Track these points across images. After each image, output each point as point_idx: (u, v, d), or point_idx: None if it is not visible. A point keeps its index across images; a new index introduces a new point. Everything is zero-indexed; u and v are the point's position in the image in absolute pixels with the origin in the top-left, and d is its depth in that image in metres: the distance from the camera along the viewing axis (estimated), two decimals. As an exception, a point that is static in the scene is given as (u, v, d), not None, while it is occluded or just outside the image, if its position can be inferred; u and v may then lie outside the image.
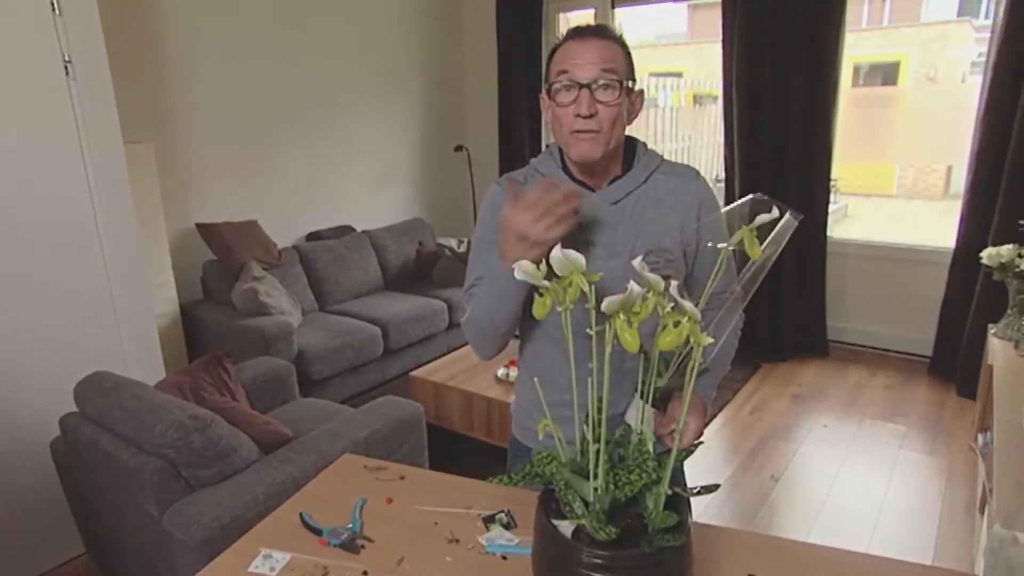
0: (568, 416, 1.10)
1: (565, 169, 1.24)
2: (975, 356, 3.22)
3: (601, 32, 1.14)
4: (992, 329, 2.59)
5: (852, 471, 2.78)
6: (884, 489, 2.64)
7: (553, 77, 1.15)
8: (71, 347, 2.25)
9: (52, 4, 2.06)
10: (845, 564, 1.04)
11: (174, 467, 1.71)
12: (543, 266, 0.85)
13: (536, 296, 0.86)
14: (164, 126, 3.38)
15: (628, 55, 1.17)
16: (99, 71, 2.21)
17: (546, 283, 0.84)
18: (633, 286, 0.78)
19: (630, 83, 1.16)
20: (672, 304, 0.81)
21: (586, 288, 0.83)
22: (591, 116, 1.12)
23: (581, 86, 1.11)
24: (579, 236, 1.21)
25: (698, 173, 1.27)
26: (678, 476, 1.27)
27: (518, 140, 4.76)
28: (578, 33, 1.15)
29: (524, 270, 0.84)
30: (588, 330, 0.83)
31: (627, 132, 1.25)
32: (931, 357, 3.64)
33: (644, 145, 1.28)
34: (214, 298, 3.59)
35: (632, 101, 1.18)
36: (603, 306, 0.78)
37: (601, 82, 1.11)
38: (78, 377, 1.95)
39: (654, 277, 0.79)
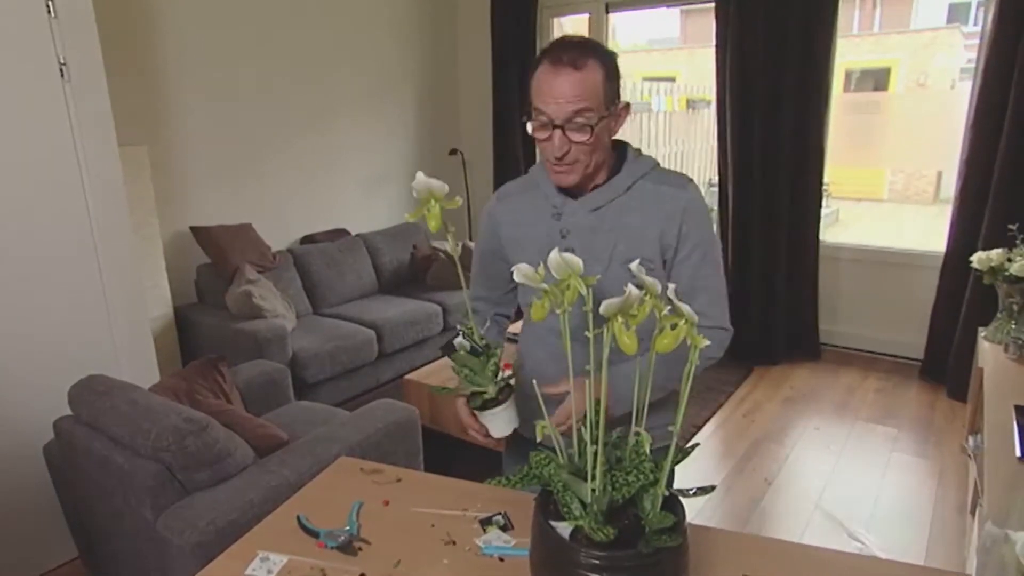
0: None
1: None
2: (966, 359, 3.25)
3: (577, 60, 1.09)
4: (982, 332, 2.62)
5: (844, 473, 2.80)
6: (876, 491, 2.66)
7: (532, 108, 1.15)
8: (65, 350, 2.24)
9: (48, 6, 2.06)
10: (838, 565, 1.05)
11: (169, 471, 1.71)
12: (541, 269, 0.86)
13: (534, 299, 0.87)
14: (159, 129, 3.38)
15: (610, 73, 1.13)
16: (94, 74, 2.20)
17: (544, 286, 0.85)
18: (631, 289, 0.79)
19: (611, 108, 1.14)
20: (669, 307, 0.82)
21: (583, 291, 0.84)
22: (564, 155, 1.14)
23: (555, 126, 1.11)
24: (559, 243, 1.23)
25: (689, 181, 1.24)
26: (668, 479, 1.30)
27: (512, 144, 4.77)
28: (555, 59, 1.10)
29: (523, 273, 0.85)
30: (587, 332, 0.83)
31: (620, 137, 1.26)
32: (922, 360, 3.67)
33: (637, 151, 1.27)
34: (208, 301, 3.58)
35: (618, 115, 1.17)
36: (601, 309, 0.79)
37: (575, 121, 1.11)
38: (72, 380, 1.94)
39: (651, 280, 0.80)
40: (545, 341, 1.30)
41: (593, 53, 1.11)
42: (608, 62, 1.13)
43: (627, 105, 1.19)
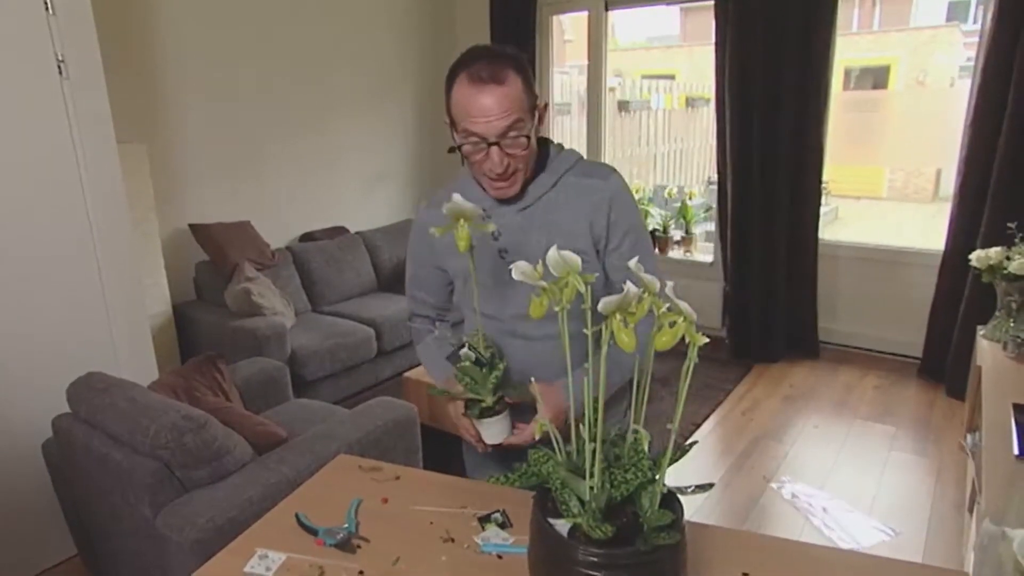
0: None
1: (478, 180, 1.25)
2: (964, 357, 3.25)
3: (497, 73, 1.08)
4: (981, 331, 2.62)
5: (843, 471, 2.80)
6: (874, 489, 2.66)
7: (458, 132, 1.13)
8: (64, 348, 2.24)
9: (46, 3, 2.06)
10: (837, 562, 1.05)
11: (168, 468, 1.71)
12: (539, 267, 0.86)
13: (532, 296, 0.87)
14: (157, 126, 3.37)
15: (527, 78, 1.13)
16: (92, 71, 2.20)
17: (543, 283, 0.85)
18: (629, 286, 0.79)
19: (535, 112, 1.14)
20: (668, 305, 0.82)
21: (582, 288, 0.84)
22: (506, 169, 1.13)
23: (490, 144, 1.11)
24: (493, 245, 1.23)
25: (613, 171, 1.26)
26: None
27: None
28: (473, 77, 1.08)
29: (522, 271, 0.85)
30: (584, 330, 0.83)
31: (575, 137, 1.27)
32: (921, 358, 3.67)
33: (559, 146, 1.27)
34: (207, 299, 3.57)
35: (540, 116, 1.17)
36: (600, 306, 0.79)
37: (510, 135, 1.10)
38: (71, 378, 1.94)
39: (649, 277, 0.80)
40: (495, 343, 1.29)
41: (509, 63, 1.10)
42: (523, 68, 1.13)
43: (545, 104, 1.21)
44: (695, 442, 1.03)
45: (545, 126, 1.24)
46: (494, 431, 1.21)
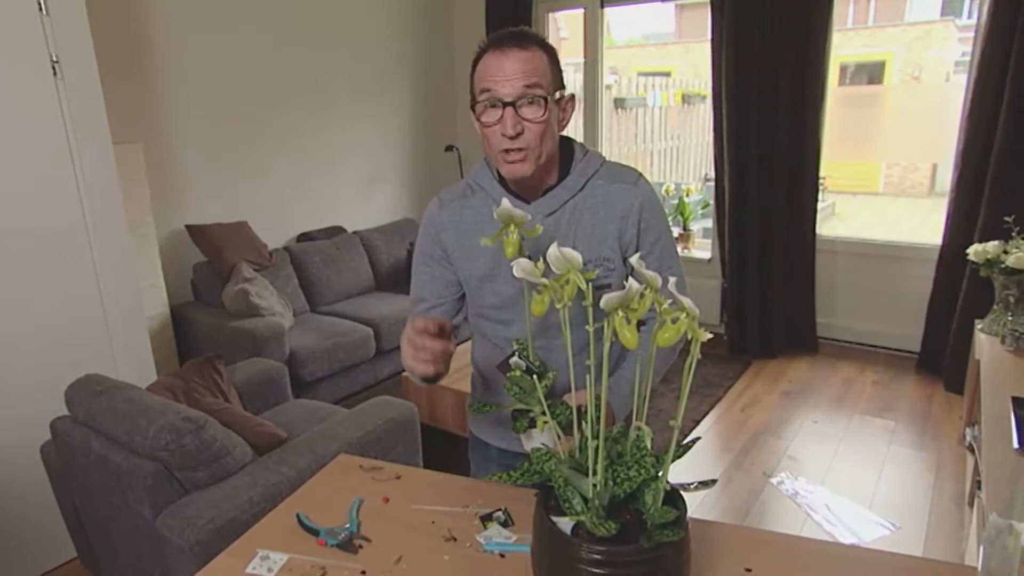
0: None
1: (501, 181, 1.22)
2: (962, 351, 3.26)
3: (521, 40, 1.08)
4: (979, 324, 2.62)
5: (843, 466, 2.80)
6: (874, 483, 2.67)
7: (476, 95, 1.11)
8: (61, 350, 2.23)
9: (39, 3, 2.05)
10: (838, 557, 1.05)
11: (168, 470, 1.70)
12: (540, 264, 0.86)
13: (534, 294, 0.87)
14: (153, 127, 3.36)
15: (554, 60, 1.12)
16: (87, 71, 2.19)
17: (544, 280, 0.85)
18: (631, 282, 0.78)
19: (558, 94, 1.12)
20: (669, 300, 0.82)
21: (583, 285, 0.84)
22: (518, 135, 1.09)
23: (505, 104, 1.07)
24: (518, 253, 1.20)
25: (639, 176, 1.22)
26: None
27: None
28: (498, 42, 1.09)
29: (522, 268, 0.84)
30: (587, 327, 0.83)
31: (571, 134, 1.23)
32: (919, 353, 3.68)
33: (582, 147, 1.23)
34: (204, 300, 3.56)
35: (563, 108, 1.14)
36: (602, 303, 0.79)
37: (526, 99, 1.07)
38: (69, 380, 1.93)
39: (651, 274, 0.79)
40: (507, 352, 1.27)
41: (535, 40, 1.10)
42: (550, 50, 1.12)
43: (572, 96, 1.16)
44: (698, 438, 1.03)
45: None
46: (540, 443, 1.16)
